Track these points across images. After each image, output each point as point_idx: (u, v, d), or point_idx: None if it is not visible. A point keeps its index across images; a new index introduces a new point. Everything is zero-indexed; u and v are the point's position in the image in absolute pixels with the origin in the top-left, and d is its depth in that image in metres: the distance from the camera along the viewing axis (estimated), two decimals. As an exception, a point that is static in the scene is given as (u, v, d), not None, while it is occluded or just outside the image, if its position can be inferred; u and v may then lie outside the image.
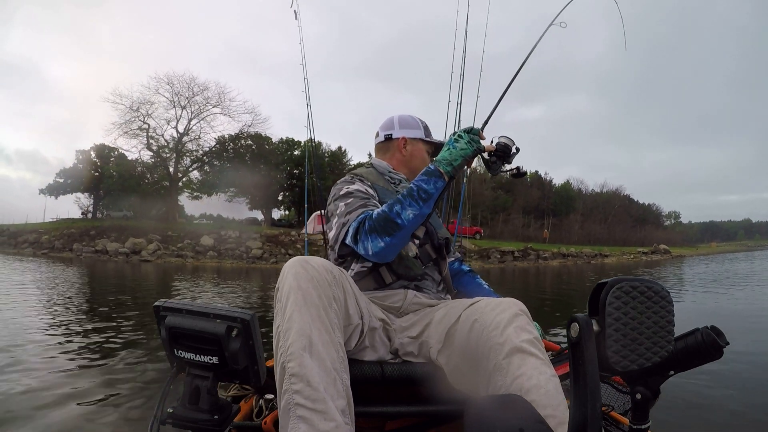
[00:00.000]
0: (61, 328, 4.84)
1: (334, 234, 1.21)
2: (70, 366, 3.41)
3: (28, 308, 6.19)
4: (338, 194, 1.25)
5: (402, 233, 1.08)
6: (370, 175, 1.34)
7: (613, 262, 28.41)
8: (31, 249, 23.40)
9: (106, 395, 2.76)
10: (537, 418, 0.54)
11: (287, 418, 0.78)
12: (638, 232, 47.63)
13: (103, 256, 21.35)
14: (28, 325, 4.93)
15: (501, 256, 25.10)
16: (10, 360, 3.49)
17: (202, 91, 30.88)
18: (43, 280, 10.29)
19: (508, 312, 0.94)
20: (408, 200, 1.08)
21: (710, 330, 0.73)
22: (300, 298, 0.86)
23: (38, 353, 3.76)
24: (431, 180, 1.09)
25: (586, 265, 25.20)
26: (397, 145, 1.41)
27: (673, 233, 58.58)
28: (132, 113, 30.09)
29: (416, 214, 1.07)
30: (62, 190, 34.35)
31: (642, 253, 33.47)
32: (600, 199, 51.92)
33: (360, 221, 1.12)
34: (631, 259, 30.60)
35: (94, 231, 24.49)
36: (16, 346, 3.92)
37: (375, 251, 1.08)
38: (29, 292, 8.07)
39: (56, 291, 8.33)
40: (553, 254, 27.72)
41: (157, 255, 21.43)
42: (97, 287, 10.01)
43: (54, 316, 5.59)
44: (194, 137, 31.82)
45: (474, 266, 13.57)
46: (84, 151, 34.17)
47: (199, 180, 33.33)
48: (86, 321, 5.45)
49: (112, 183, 31.22)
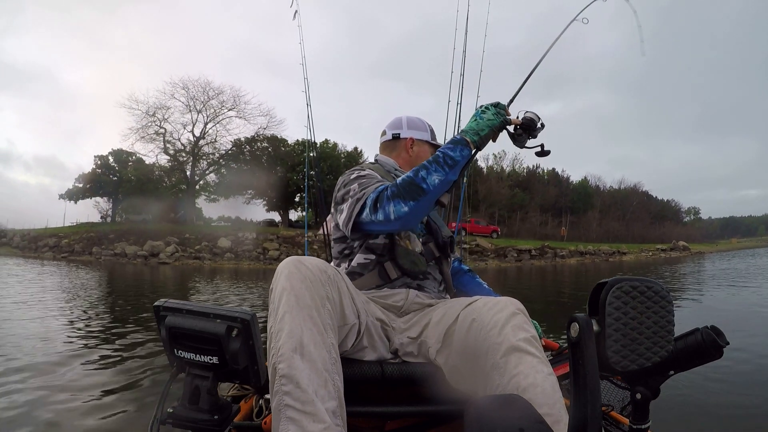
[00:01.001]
0: (67, 328, 4.85)
1: (345, 214, 1.17)
2: (70, 366, 3.41)
3: (35, 309, 6.20)
4: (349, 179, 1.23)
5: (427, 198, 1.07)
6: (378, 170, 1.34)
7: (632, 259, 27.80)
8: (51, 252, 23.63)
9: (106, 395, 2.76)
10: (537, 418, 0.54)
11: (278, 419, 0.78)
12: (657, 228, 47.07)
13: (122, 259, 21.62)
14: (34, 326, 4.94)
15: (518, 255, 24.70)
16: (12, 358, 3.50)
17: (218, 94, 31.37)
18: (62, 283, 10.41)
19: (505, 311, 0.94)
20: (434, 166, 1.07)
21: (710, 330, 0.73)
22: (292, 299, 0.85)
23: (39, 353, 3.76)
24: (457, 148, 1.09)
25: (604, 263, 24.85)
26: (405, 144, 1.42)
27: (693, 229, 57.31)
28: (148, 118, 30.69)
29: (442, 179, 1.07)
30: (81, 194, 35.12)
31: (661, 250, 32.80)
32: (618, 195, 50.80)
33: (380, 191, 1.11)
34: (649, 256, 30.01)
35: (113, 234, 24.88)
36: (20, 346, 3.93)
37: (398, 215, 1.07)
38: (40, 295, 8.08)
39: (72, 293, 8.38)
40: (571, 252, 27.35)
41: (175, 257, 21.57)
42: (116, 288, 10.12)
43: (65, 317, 5.61)
44: (210, 140, 32.32)
45: (490, 265, 13.55)
46: (102, 156, 34.86)
47: (216, 183, 33.79)
48: (93, 320, 5.47)
49: (131, 187, 31.83)
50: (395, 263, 1.20)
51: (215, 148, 32.55)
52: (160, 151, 31.76)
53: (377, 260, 1.20)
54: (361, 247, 1.21)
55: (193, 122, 31.70)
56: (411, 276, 1.21)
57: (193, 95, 31.03)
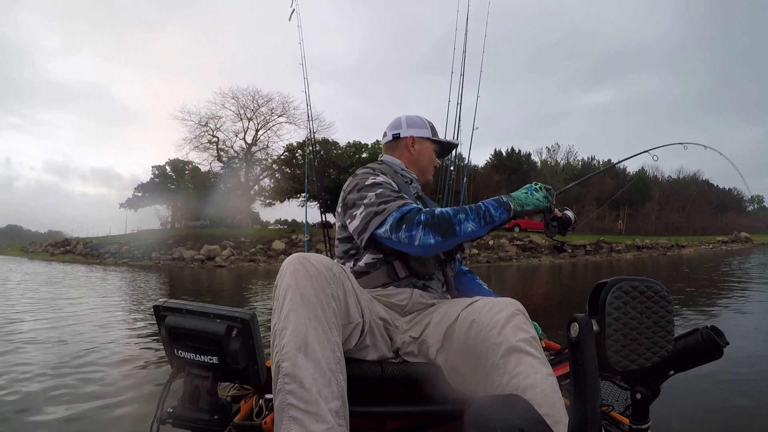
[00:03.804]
0: (73, 327, 4.86)
1: (359, 223, 1.17)
2: (72, 365, 3.41)
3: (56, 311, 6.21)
4: (363, 184, 1.22)
5: (454, 240, 1.09)
6: (387, 171, 1.34)
7: (691, 252, 26.71)
8: (112, 258, 24.77)
9: (107, 394, 2.76)
10: (537, 418, 0.54)
11: (281, 418, 0.78)
12: (719, 219, 44.67)
13: (180, 263, 22.35)
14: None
15: (572, 251, 24.07)
16: (14, 357, 3.51)
17: (267, 102, 32.44)
18: (121, 287, 10.76)
19: (505, 312, 0.94)
20: (473, 215, 1.09)
21: (710, 330, 0.73)
22: (297, 297, 0.85)
23: (41, 352, 3.77)
24: (500, 209, 1.11)
25: (661, 257, 24.02)
26: (405, 144, 1.42)
27: (756, 219, 52.27)
28: (201, 128, 32.50)
29: (474, 230, 1.09)
30: (141, 203, 36.88)
31: (722, 242, 31.23)
32: (677, 185, 47.84)
33: (406, 211, 1.10)
34: (710, 249, 28.58)
35: (171, 240, 25.96)
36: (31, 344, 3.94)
37: (423, 244, 1.07)
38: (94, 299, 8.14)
39: (130, 296, 8.62)
40: (627, 247, 26.39)
41: (231, 260, 22.17)
42: (175, 290, 10.47)
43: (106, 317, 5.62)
44: (262, 147, 33.88)
45: (544, 262, 13.54)
46: (159, 166, 36.49)
47: (271, 187, 34.73)
48: (110, 321, 5.47)
49: (188, 194, 33.28)
50: (404, 262, 1.20)
51: (267, 154, 33.93)
52: (214, 159, 33.53)
53: (385, 259, 1.20)
54: (368, 247, 1.21)
55: (245, 130, 33.27)
56: (418, 276, 1.22)
57: (243, 104, 32.41)
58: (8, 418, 2.38)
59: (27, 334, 4.58)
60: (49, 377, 3.09)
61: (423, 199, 1.40)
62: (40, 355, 3.70)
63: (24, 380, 3.02)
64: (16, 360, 3.53)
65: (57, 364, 3.42)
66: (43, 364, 3.43)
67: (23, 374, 3.15)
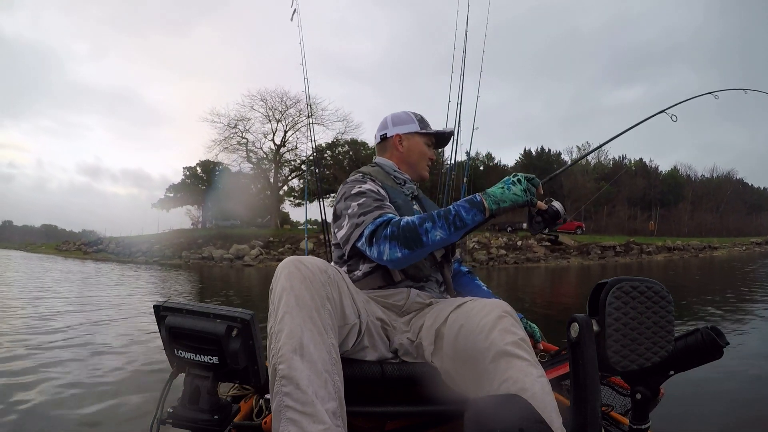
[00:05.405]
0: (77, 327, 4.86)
1: (344, 234, 1.18)
2: (72, 365, 3.41)
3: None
4: (349, 193, 1.22)
5: (422, 251, 1.06)
6: (379, 174, 1.33)
7: (723, 254, 25.48)
8: (143, 257, 25.06)
9: (107, 394, 2.76)
10: (537, 418, 0.54)
11: (278, 420, 0.78)
12: (754, 220, 42.10)
13: (209, 262, 22.50)
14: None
15: (601, 252, 23.32)
16: (19, 354, 3.51)
17: (295, 103, 32.32)
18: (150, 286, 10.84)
19: (492, 315, 0.92)
20: (441, 221, 1.05)
21: (710, 330, 0.73)
22: (292, 300, 0.85)
23: (42, 352, 3.77)
24: (472, 210, 1.05)
25: (693, 258, 23.20)
26: (393, 143, 1.40)
27: None
28: (230, 130, 32.64)
29: (443, 238, 1.05)
30: (172, 203, 37.85)
31: (755, 244, 29.95)
32: (710, 185, 45.21)
33: (378, 224, 1.09)
34: (743, 250, 27.48)
35: (201, 239, 26.39)
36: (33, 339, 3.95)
37: (390, 259, 1.07)
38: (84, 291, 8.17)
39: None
40: (658, 248, 25.34)
41: (259, 260, 22.28)
42: (205, 288, 10.56)
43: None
44: (291, 148, 33.99)
45: (573, 263, 13.37)
46: (190, 167, 37.64)
47: (300, 188, 34.89)
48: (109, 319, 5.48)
49: (219, 195, 33.47)
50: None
51: (296, 155, 34.13)
52: (243, 160, 33.83)
53: (379, 264, 1.19)
54: (363, 256, 1.20)
55: (273, 131, 33.51)
56: (414, 279, 1.22)
57: (271, 106, 32.60)
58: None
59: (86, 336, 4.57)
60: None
61: (420, 200, 1.39)
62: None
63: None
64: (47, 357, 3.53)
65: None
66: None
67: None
